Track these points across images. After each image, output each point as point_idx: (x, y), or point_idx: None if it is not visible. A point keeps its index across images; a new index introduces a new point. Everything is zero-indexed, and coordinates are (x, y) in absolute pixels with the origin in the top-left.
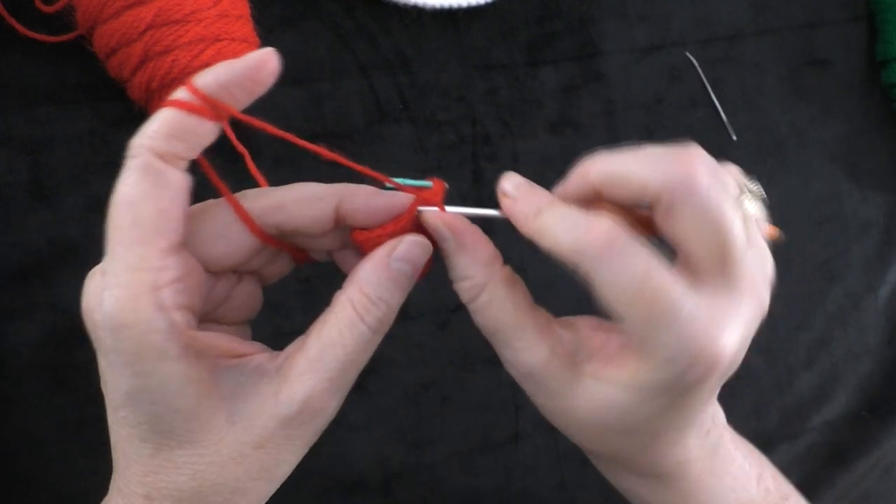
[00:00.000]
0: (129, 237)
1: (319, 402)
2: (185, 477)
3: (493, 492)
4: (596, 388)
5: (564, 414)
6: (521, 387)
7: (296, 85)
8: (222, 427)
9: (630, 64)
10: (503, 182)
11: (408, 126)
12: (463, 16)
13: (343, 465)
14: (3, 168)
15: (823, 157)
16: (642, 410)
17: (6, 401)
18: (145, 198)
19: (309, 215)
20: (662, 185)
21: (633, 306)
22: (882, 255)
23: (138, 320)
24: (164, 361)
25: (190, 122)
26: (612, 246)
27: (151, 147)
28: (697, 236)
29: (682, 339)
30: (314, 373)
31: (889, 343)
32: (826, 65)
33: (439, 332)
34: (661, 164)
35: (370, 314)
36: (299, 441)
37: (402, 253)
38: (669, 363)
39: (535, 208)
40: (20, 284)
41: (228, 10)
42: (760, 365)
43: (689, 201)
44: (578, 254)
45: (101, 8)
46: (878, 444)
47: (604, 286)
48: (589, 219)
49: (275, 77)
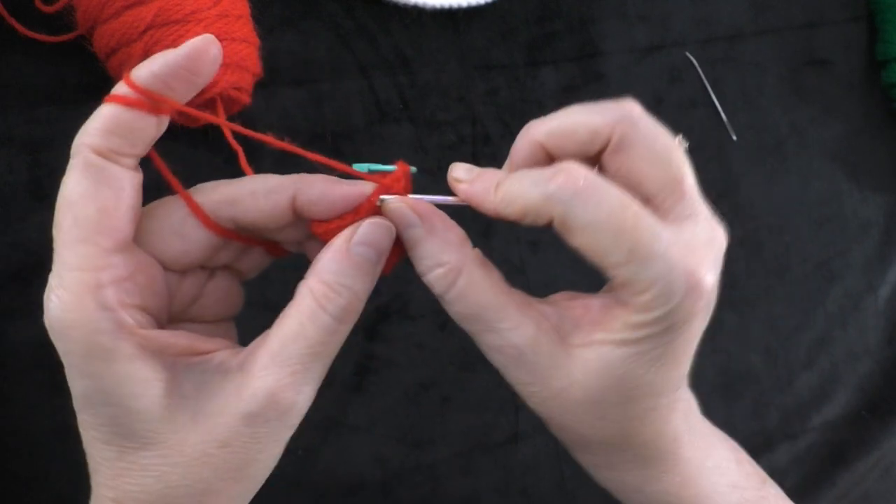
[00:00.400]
0: (70, 237)
1: (284, 398)
2: (151, 479)
3: (493, 492)
4: (590, 355)
5: (560, 396)
6: (509, 377)
7: (296, 85)
8: (185, 427)
9: (630, 64)
10: (453, 171)
11: (408, 126)
12: (463, 16)
13: (343, 465)
14: (3, 168)
15: (823, 157)
16: (640, 363)
17: (6, 401)
18: (85, 197)
19: (264, 209)
20: (611, 124)
21: (617, 239)
22: (882, 255)
23: (82, 321)
24: (115, 362)
25: (128, 117)
26: (583, 184)
27: (90, 145)
28: (652, 167)
29: (670, 268)
30: (276, 367)
31: (889, 343)
32: (826, 65)
33: (439, 332)
34: (604, 109)
35: (332, 303)
36: (267, 439)
37: (361, 236)
38: (662, 296)
39: (494, 181)
40: (20, 284)
41: (228, 10)
42: (760, 365)
43: (639, 133)
44: (550, 201)
45: (101, 8)
46: (878, 444)
47: (584, 227)
48: (551, 168)
49: (216, 66)
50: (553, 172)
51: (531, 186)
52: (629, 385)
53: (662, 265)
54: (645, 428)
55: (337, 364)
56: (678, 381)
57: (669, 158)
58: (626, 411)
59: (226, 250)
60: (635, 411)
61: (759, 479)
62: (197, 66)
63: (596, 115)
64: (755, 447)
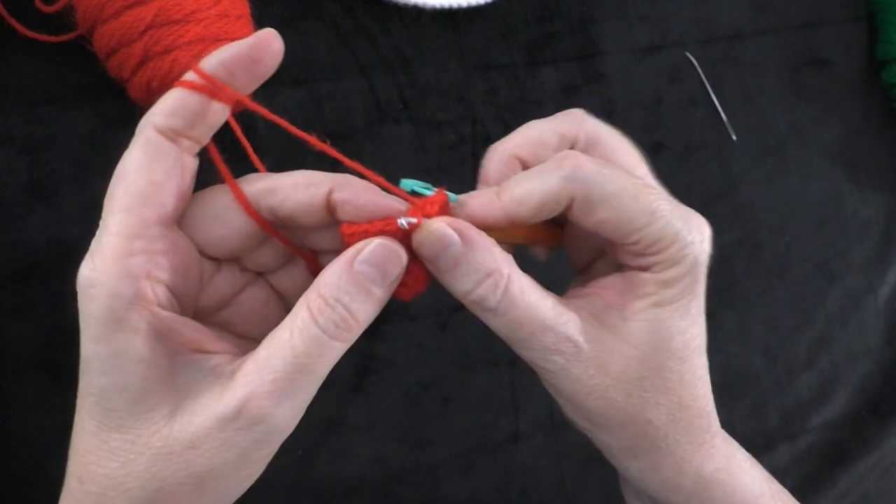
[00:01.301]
0: (117, 205)
1: (259, 407)
2: (115, 464)
3: (493, 492)
4: (635, 326)
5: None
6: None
7: (296, 85)
8: (161, 419)
9: (630, 64)
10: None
11: (408, 126)
12: (463, 16)
13: (343, 465)
14: (3, 168)
15: (823, 157)
16: (679, 315)
17: (6, 401)
18: (139, 169)
19: (301, 200)
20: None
21: (638, 202)
22: (882, 255)
23: (103, 282)
24: (122, 331)
25: (191, 100)
26: (594, 162)
27: (153, 123)
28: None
29: (685, 219)
30: (258, 374)
31: (889, 343)
32: (826, 65)
33: (439, 332)
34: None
35: (324, 316)
36: (236, 450)
37: (367, 255)
38: (687, 245)
39: (490, 193)
40: (20, 284)
41: (228, 10)
42: (760, 365)
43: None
44: (570, 181)
45: (101, 8)
46: (878, 444)
47: (607, 198)
48: (552, 159)
49: (279, 58)
50: (560, 158)
51: (543, 176)
52: (676, 340)
53: (678, 217)
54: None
55: (337, 364)
56: (703, 331)
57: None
58: (677, 368)
59: (264, 252)
60: (683, 368)
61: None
62: (260, 55)
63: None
64: (755, 447)
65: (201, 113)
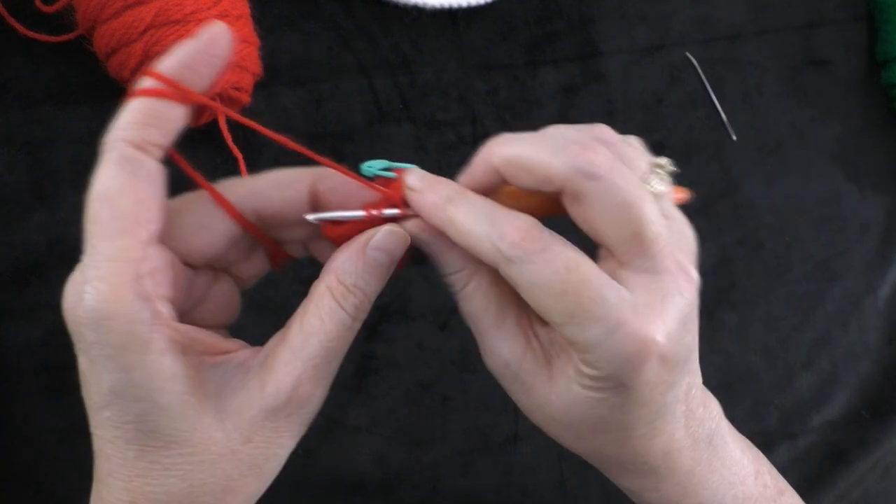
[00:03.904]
0: (109, 230)
1: (306, 391)
2: (174, 479)
3: (493, 492)
4: (563, 384)
5: (541, 411)
6: (501, 383)
7: (296, 85)
8: (211, 425)
9: (630, 64)
10: (407, 177)
11: (408, 126)
12: (463, 16)
13: (343, 465)
14: (3, 168)
15: (823, 157)
16: (603, 404)
17: (6, 401)
18: (124, 189)
19: (286, 198)
20: (565, 175)
21: (556, 305)
22: (882, 255)
23: (121, 311)
24: (149, 354)
25: (160, 108)
26: (532, 242)
27: (126, 138)
28: (609, 222)
29: (609, 334)
30: (299, 361)
31: (889, 343)
32: (826, 65)
33: (439, 332)
34: (561, 153)
35: (347, 301)
36: (288, 433)
37: (379, 242)
38: (602, 359)
39: (444, 196)
40: (20, 284)
41: (228, 10)
42: (760, 365)
43: (594, 189)
44: (498, 255)
45: (101, 8)
46: (878, 444)
47: (528, 286)
48: (504, 214)
49: (231, 48)
50: (506, 223)
51: (476, 224)
52: (598, 418)
53: (601, 329)
54: (624, 450)
55: None
56: (654, 413)
57: (628, 214)
58: (602, 438)
59: (235, 249)
60: (613, 440)
61: (775, 491)
62: (217, 49)
63: (552, 157)
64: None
65: (170, 119)
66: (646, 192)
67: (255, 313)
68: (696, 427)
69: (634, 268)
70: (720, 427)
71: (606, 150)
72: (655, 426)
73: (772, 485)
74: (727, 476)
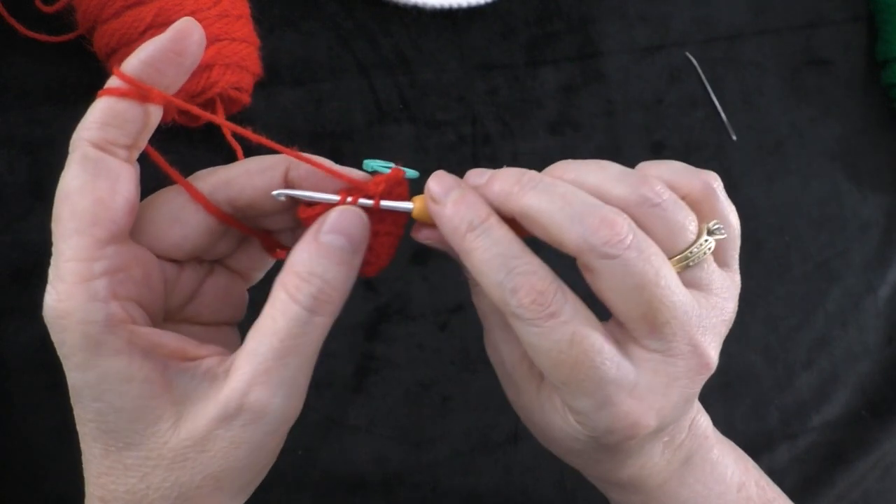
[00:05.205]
0: (66, 229)
1: (259, 398)
2: (134, 479)
3: (493, 492)
4: (548, 405)
5: (524, 411)
6: (498, 375)
7: (296, 85)
8: (167, 430)
9: (630, 64)
10: (431, 183)
11: (408, 126)
12: (463, 16)
13: (343, 465)
14: (3, 168)
15: (823, 157)
16: (580, 440)
17: (6, 401)
18: (82, 189)
19: (259, 186)
20: (577, 247)
21: (555, 370)
22: (882, 255)
23: (72, 310)
24: (103, 356)
25: (121, 107)
26: (542, 307)
27: (87, 138)
28: (620, 300)
29: (601, 409)
30: (249, 365)
31: (889, 343)
32: (826, 65)
33: (439, 332)
34: (578, 224)
35: (301, 292)
36: (246, 446)
37: (330, 225)
38: (590, 424)
39: (466, 222)
40: (20, 284)
41: (228, 10)
42: (760, 365)
43: (606, 266)
44: (503, 304)
45: (101, 8)
46: (878, 444)
47: (526, 344)
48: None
49: (202, 48)
50: (521, 277)
51: (496, 275)
52: (572, 445)
53: (591, 402)
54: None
55: (337, 364)
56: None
57: (639, 296)
58: (573, 457)
59: (223, 241)
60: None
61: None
62: (182, 47)
63: (569, 224)
64: (755, 447)
65: (132, 119)
66: (667, 272)
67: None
68: (674, 452)
69: (644, 345)
70: (702, 445)
71: (629, 223)
72: (627, 464)
73: (757, 497)
74: (700, 490)
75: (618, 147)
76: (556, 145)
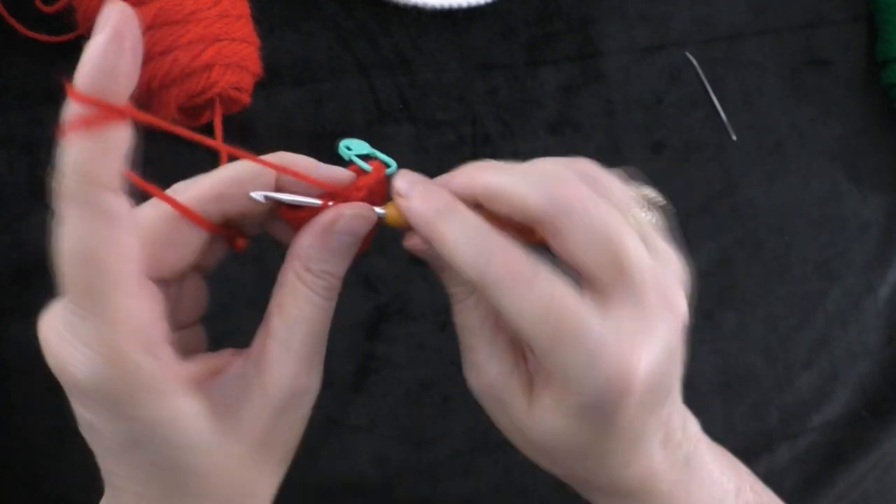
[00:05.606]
0: (95, 290)
1: (303, 381)
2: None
3: (493, 492)
4: (541, 412)
5: (520, 433)
6: (480, 401)
7: (296, 85)
8: (231, 442)
9: (630, 64)
10: (397, 181)
11: (408, 126)
12: (463, 16)
13: (343, 465)
14: (3, 168)
15: (823, 157)
16: (581, 433)
17: (6, 401)
18: (103, 243)
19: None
20: (542, 208)
21: (540, 332)
22: (882, 255)
23: (128, 372)
24: (163, 401)
25: (107, 135)
26: (518, 272)
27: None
28: (588, 255)
29: (592, 363)
30: (289, 354)
31: (889, 343)
32: (826, 65)
33: (439, 332)
34: (539, 187)
35: (318, 286)
36: (297, 424)
37: (345, 226)
38: (583, 387)
39: (433, 209)
40: (20, 284)
41: (228, 10)
42: (760, 365)
43: (572, 224)
44: (483, 281)
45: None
46: (878, 444)
47: (509, 312)
48: (492, 240)
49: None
50: (494, 249)
51: (469, 251)
52: (575, 446)
53: (582, 360)
54: (600, 475)
55: (337, 364)
56: (632, 440)
57: (606, 247)
58: (579, 464)
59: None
60: (590, 466)
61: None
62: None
63: (530, 192)
64: (755, 447)
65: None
66: (626, 224)
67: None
68: (674, 451)
69: (618, 300)
70: (697, 448)
71: (584, 183)
72: (633, 453)
73: (753, 501)
74: (703, 498)
75: (618, 147)
76: (556, 145)
